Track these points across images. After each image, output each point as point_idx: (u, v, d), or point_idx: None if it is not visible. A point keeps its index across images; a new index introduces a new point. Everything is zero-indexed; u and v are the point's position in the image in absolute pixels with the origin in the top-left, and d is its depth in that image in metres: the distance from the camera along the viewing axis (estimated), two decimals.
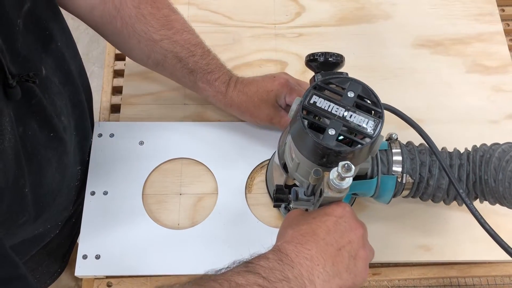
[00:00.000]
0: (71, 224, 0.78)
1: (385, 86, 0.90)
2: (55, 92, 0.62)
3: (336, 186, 0.53)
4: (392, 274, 0.78)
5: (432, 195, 0.69)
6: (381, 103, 0.58)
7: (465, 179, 0.66)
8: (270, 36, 0.94)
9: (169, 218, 0.77)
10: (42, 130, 0.58)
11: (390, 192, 0.68)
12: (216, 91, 0.75)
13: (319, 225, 0.55)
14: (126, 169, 0.80)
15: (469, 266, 0.79)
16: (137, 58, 0.76)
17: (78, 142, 0.69)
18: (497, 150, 0.65)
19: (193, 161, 0.81)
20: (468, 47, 0.94)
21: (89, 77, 0.80)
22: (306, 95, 0.57)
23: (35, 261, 0.74)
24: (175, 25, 0.72)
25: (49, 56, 0.61)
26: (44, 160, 0.59)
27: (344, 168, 0.52)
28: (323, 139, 0.54)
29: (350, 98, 0.57)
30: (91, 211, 0.76)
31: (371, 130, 0.55)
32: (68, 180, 0.67)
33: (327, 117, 0.56)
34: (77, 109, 0.69)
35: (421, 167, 0.67)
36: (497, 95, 0.90)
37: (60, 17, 0.64)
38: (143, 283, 0.75)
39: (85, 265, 0.73)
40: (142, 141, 0.82)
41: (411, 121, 0.63)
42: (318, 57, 0.65)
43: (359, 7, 0.98)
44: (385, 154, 0.68)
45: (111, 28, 0.71)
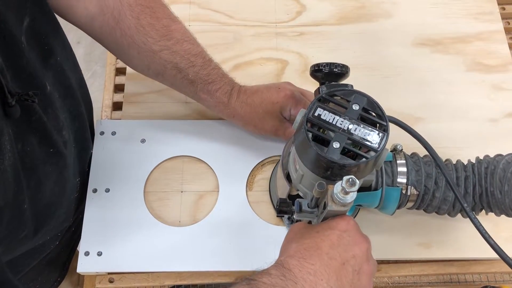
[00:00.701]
0: (70, 233, 0.78)
1: (386, 85, 0.91)
2: (58, 107, 0.62)
3: (340, 200, 0.53)
4: (392, 271, 0.78)
5: (437, 207, 0.68)
6: (386, 116, 0.57)
7: (472, 191, 0.66)
8: (271, 35, 0.95)
9: (171, 215, 0.78)
10: (42, 146, 0.58)
11: (395, 204, 0.67)
12: (218, 102, 0.74)
13: (323, 239, 0.54)
14: (127, 166, 0.80)
15: (469, 263, 0.79)
16: (137, 68, 0.76)
17: (77, 154, 0.69)
18: (501, 161, 0.65)
19: (194, 159, 0.82)
20: (468, 46, 0.94)
21: (91, 77, 0.81)
22: (311, 107, 0.56)
23: (34, 272, 0.74)
24: (175, 35, 0.71)
25: (49, 70, 0.61)
26: (43, 175, 0.59)
27: (348, 182, 0.51)
28: (327, 153, 0.54)
29: (355, 111, 0.56)
30: (93, 208, 0.77)
31: (376, 144, 0.55)
32: (68, 193, 0.67)
33: (332, 130, 0.55)
34: (76, 121, 0.68)
35: (427, 179, 0.66)
36: (497, 94, 0.90)
37: (60, 31, 0.64)
38: (145, 279, 0.76)
39: (87, 262, 0.73)
40: (144, 139, 0.82)
41: (416, 133, 0.63)
42: (323, 68, 0.65)
43: (359, 6, 0.98)
44: (389, 165, 0.67)
45: (111, 39, 0.70)
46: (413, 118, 0.87)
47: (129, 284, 0.76)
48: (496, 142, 0.86)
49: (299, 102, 0.73)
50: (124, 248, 0.74)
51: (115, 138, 0.82)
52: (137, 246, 0.74)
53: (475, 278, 0.79)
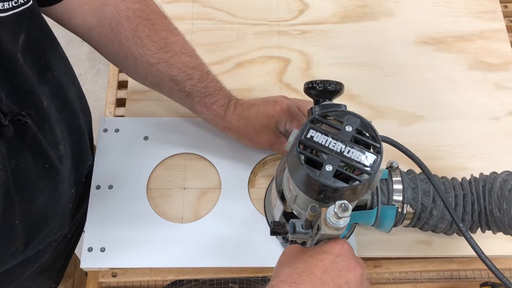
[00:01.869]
0: (66, 241, 0.78)
1: (388, 83, 0.91)
2: (54, 121, 0.61)
3: (333, 224, 0.52)
4: (393, 267, 0.79)
5: (434, 226, 0.67)
6: (380, 137, 0.56)
7: (470, 209, 0.65)
8: (273, 33, 0.95)
9: (173, 212, 0.78)
10: (37, 162, 0.58)
11: (391, 222, 0.66)
12: (214, 115, 0.74)
13: (316, 263, 0.53)
14: (131, 163, 0.81)
15: (470, 260, 0.79)
16: (134, 78, 0.76)
17: (74, 165, 0.68)
18: (498, 179, 0.64)
19: (197, 156, 0.82)
20: (470, 44, 0.95)
21: (95, 75, 0.82)
22: (303, 129, 0.56)
23: (28, 280, 0.73)
24: (173, 47, 0.71)
25: (45, 85, 0.61)
26: (37, 190, 0.59)
27: (341, 208, 0.51)
28: (320, 176, 0.53)
29: (348, 133, 0.56)
30: (97, 205, 0.77)
31: (369, 166, 0.54)
32: (63, 205, 0.67)
33: (325, 152, 0.54)
34: (74, 134, 0.68)
35: (424, 197, 0.66)
36: (499, 92, 0.90)
37: (57, 46, 0.64)
38: (147, 273, 0.77)
39: (91, 257, 0.74)
40: (147, 136, 0.83)
41: (411, 153, 0.62)
42: (316, 85, 0.64)
43: (361, 4, 0.99)
44: (385, 183, 0.66)
45: (108, 49, 0.70)
46: (415, 116, 0.88)
47: (131, 278, 0.77)
48: (498, 140, 0.86)
49: (295, 117, 0.73)
50: (127, 244, 0.75)
51: (118, 135, 0.83)
52: (140, 242, 0.75)
53: (475, 274, 0.79)
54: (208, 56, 0.91)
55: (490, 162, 0.84)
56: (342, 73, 0.91)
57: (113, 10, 0.67)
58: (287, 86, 0.90)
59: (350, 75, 0.91)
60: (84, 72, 1.92)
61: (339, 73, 0.91)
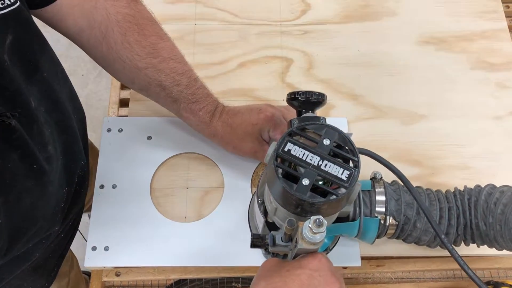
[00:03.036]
0: (59, 239, 0.77)
1: (390, 83, 0.91)
2: (43, 122, 0.61)
3: (309, 239, 0.51)
4: (396, 266, 0.79)
5: (418, 238, 0.67)
6: (358, 151, 0.56)
7: (455, 222, 0.65)
8: (276, 33, 0.95)
9: (176, 211, 0.79)
10: (24, 162, 0.57)
11: (373, 234, 0.66)
12: (200, 121, 0.74)
13: (293, 278, 0.52)
14: (134, 163, 0.81)
15: (473, 259, 0.79)
16: (122, 81, 0.76)
17: (65, 165, 0.68)
18: (482, 192, 0.65)
19: (200, 155, 0.83)
20: (472, 44, 0.95)
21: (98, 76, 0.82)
22: (281, 142, 0.55)
23: (19, 278, 0.73)
24: (162, 53, 0.71)
25: (34, 86, 0.60)
26: (24, 190, 0.58)
27: (315, 223, 0.50)
28: (296, 190, 0.52)
29: (325, 146, 0.55)
30: (100, 204, 0.78)
31: (346, 180, 0.54)
32: (52, 205, 0.66)
33: (302, 166, 0.54)
34: (65, 134, 0.68)
35: (407, 208, 0.65)
36: (501, 92, 0.91)
37: (46, 47, 0.64)
38: (151, 273, 0.77)
39: (94, 256, 0.75)
40: (150, 136, 0.83)
41: (391, 166, 0.61)
42: (299, 96, 0.64)
43: (364, 4, 0.99)
44: (368, 194, 0.66)
45: (97, 52, 0.71)
46: (417, 115, 0.88)
47: (135, 277, 0.77)
48: (500, 139, 0.86)
49: (279, 125, 0.73)
50: (131, 243, 0.75)
51: (122, 135, 0.83)
52: (143, 242, 0.75)
53: (479, 273, 0.79)
54: (210, 56, 0.93)
55: (492, 161, 0.84)
56: (344, 73, 0.92)
57: (103, 14, 0.68)
58: (290, 86, 0.90)
59: (352, 75, 0.92)
60: (87, 73, 1.93)
61: (341, 73, 0.92)
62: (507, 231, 0.61)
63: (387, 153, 0.84)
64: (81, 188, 0.74)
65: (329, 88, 0.90)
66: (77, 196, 0.74)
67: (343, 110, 0.88)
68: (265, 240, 0.58)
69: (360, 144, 0.84)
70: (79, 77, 1.88)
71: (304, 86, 0.90)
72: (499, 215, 0.62)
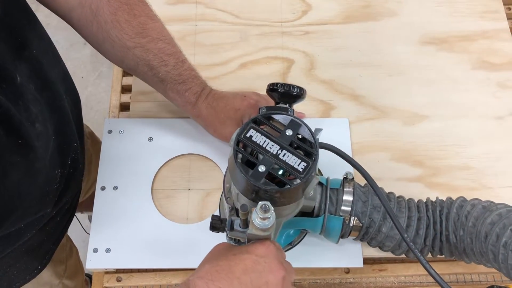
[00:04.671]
0: (54, 223, 0.78)
1: (391, 83, 0.91)
2: (30, 99, 0.61)
3: (258, 225, 0.52)
4: (398, 270, 0.79)
5: (382, 242, 0.67)
6: (318, 145, 0.56)
7: (424, 233, 0.65)
8: (277, 34, 0.95)
9: (178, 212, 0.78)
10: (9, 137, 0.57)
11: (337, 233, 0.66)
12: (186, 102, 0.75)
13: (237, 262, 0.53)
14: (135, 164, 0.81)
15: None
16: (112, 61, 0.77)
17: (58, 146, 0.68)
18: (454, 205, 0.64)
19: (201, 156, 0.83)
20: (473, 44, 0.95)
21: (97, 78, 0.81)
22: (244, 128, 0.56)
23: (11, 258, 0.73)
24: (151, 33, 0.72)
25: (24, 62, 0.61)
26: (9, 165, 0.58)
27: (261, 209, 0.51)
28: (251, 175, 0.53)
29: (287, 136, 0.56)
30: (102, 205, 0.78)
31: (301, 172, 0.54)
32: (42, 184, 0.66)
33: (260, 153, 0.54)
34: (56, 114, 0.68)
35: (373, 211, 0.65)
36: (502, 92, 0.90)
37: (36, 24, 0.64)
38: (152, 278, 0.77)
39: (96, 258, 0.74)
40: (151, 137, 0.83)
41: (355, 163, 0.61)
42: (278, 88, 0.64)
43: (365, 5, 0.99)
44: (335, 193, 0.66)
45: (88, 31, 0.72)
46: (418, 116, 0.88)
47: (136, 283, 0.77)
48: (501, 140, 0.86)
49: None
50: (132, 245, 0.75)
51: (123, 136, 0.83)
52: (145, 243, 0.75)
53: (481, 278, 0.79)
54: (212, 57, 0.92)
55: (494, 162, 0.84)
56: (345, 73, 0.91)
57: None
58: None
59: (353, 75, 0.91)
60: (87, 75, 1.93)
61: (343, 73, 0.91)
62: (478, 244, 0.60)
63: (389, 154, 0.84)
64: (75, 171, 0.74)
65: (330, 88, 0.90)
66: (71, 179, 0.74)
67: (344, 110, 0.88)
68: (225, 223, 0.59)
69: (362, 145, 0.85)
70: (79, 79, 1.88)
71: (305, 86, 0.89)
72: (470, 228, 0.61)
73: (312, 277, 0.78)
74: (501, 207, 0.60)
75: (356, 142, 0.85)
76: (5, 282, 0.77)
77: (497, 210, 0.59)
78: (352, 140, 0.85)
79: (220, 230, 0.60)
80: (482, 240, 0.59)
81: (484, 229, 0.59)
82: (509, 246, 0.55)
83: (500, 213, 0.59)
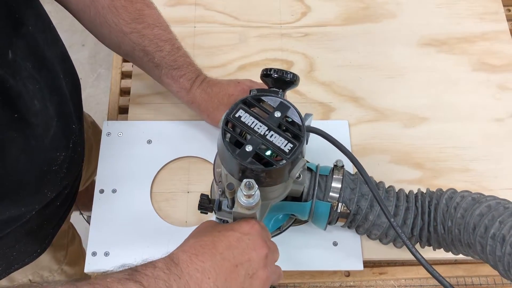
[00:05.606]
0: (55, 207, 0.78)
1: (391, 85, 0.91)
2: (26, 76, 0.62)
3: (243, 203, 0.53)
4: (399, 274, 0.78)
5: (369, 230, 0.67)
6: (305, 128, 0.57)
7: (411, 223, 0.65)
8: (276, 36, 0.95)
9: (177, 215, 0.78)
10: (5, 110, 0.58)
11: (325, 219, 0.67)
12: (180, 87, 0.76)
13: (221, 239, 0.54)
14: (134, 167, 0.81)
15: (476, 265, 0.79)
16: (109, 47, 0.78)
17: (61, 128, 0.69)
18: (444, 196, 0.64)
19: (200, 159, 0.82)
20: (473, 46, 0.95)
21: (96, 79, 0.81)
22: (233, 108, 0.57)
23: (11, 239, 0.74)
24: (147, 19, 0.73)
25: (21, 40, 0.61)
26: (7, 140, 0.59)
27: (246, 186, 0.52)
28: (238, 154, 0.54)
29: (275, 118, 0.57)
30: (100, 208, 0.77)
31: (288, 153, 0.55)
32: (40, 164, 0.66)
33: (248, 133, 0.55)
34: (56, 95, 0.69)
35: (361, 199, 0.66)
36: (502, 93, 0.90)
37: (34, 2, 0.65)
38: None
39: (94, 262, 0.74)
40: (150, 140, 0.83)
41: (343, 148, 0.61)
42: (272, 73, 0.64)
43: (364, 6, 0.99)
44: (324, 179, 0.67)
45: (86, 16, 0.73)
46: (418, 118, 0.88)
47: None
48: (502, 141, 0.86)
49: None
50: (131, 248, 0.75)
51: (121, 139, 0.83)
52: (144, 247, 0.75)
53: (482, 280, 0.79)
54: (210, 59, 0.92)
55: (494, 164, 0.84)
56: (345, 75, 0.91)
57: None
58: None
59: (353, 77, 0.91)
60: (85, 77, 1.92)
61: (342, 75, 0.91)
62: (466, 236, 0.60)
63: (389, 156, 0.84)
64: (75, 154, 0.75)
65: (330, 90, 0.90)
66: (73, 163, 0.75)
67: (344, 112, 0.88)
68: (212, 204, 0.60)
69: (361, 147, 0.85)
70: None
71: (305, 88, 0.89)
72: (458, 219, 0.61)
73: (312, 281, 0.77)
74: (491, 199, 0.60)
75: (355, 144, 0.85)
76: (4, 263, 0.77)
77: (486, 202, 0.59)
78: (352, 142, 0.84)
79: (208, 210, 0.61)
80: (470, 231, 0.59)
81: (472, 221, 0.59)
82: (497, 237, 0.55)
83: (489, 205, 0.59)
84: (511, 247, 0.54)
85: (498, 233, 0.56)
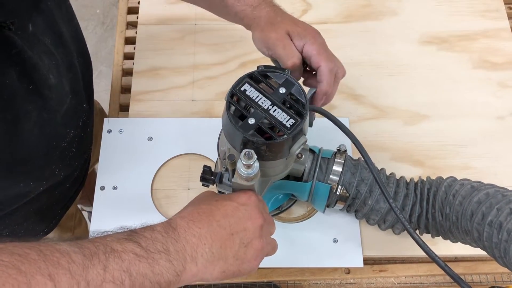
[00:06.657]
0: (64, 189, 0.79)
1: (391, 83, 0.91)
2: (43, 51, 0.62)
3: (242, 174, 0.54)
4: (399, 271, 0.79)
5: (367, 215, 0.68)
6: (308, 106, 0.57)
7: (410, 209, 0.65)
8: None
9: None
10: (22, 81, 0.58)
11: (324, 200, 0.68)
12: (246, 5, 0.72)
13: (218, 207, 0.55)
14: (135, 164, 0.81)
15: (476, 263, 0.79)
16: None
17: (74, 105, 0.70)
18: (443, 184, 0.64)
19: (201, 156, 0.82)
20: (474, 43, 0.95)
21: (97, 77, 0.82)
22: (239, 81, 0.58)
23: (20, 216, 0.75)
24: None
25: (40, 14, 0.62)
26: (22, 111, 0.60)
27: (245, 155, 0.53)
28: (240, 126, 0.55)
29: (280, 94, 0.58)
30: (101, 205, 0.77)
31: (289, 128, 0.56)
32: (51, 139, 0.67)
33: (252, 107, 0.57)
34: (70, 72, 0.69)
35: (360, 183, 0.66)
36: (503, 91, 0.90)
37: None
38: None
39: None
40: (151, 137, 0.83)
41: (346, 129, 0.62)
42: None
43: (365, 4, 0.98)
44: (326, 161, 0.68)
45: None
46: (419, 115, 0.88)
47: None
48: (502, 139, 0.86)
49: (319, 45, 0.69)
50: None
51: (122, 136, 0.83)
52: None
53: (482, 278, 0.79)
54: (211, 56, 0.92)
55: (494, 161, 0.84)
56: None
57: None
58: None
59: (354, 75, 0.91)
60: None
61: None
62: (464, 223, 0.61)
63: (389, 153, 0.84)
64: (84, 134, 0.75)
65: None
66: (83, 143, 0.76)
67: (345, 110, 0.88)
68: (214, 176, 0.61)
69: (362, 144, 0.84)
70: None
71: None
72: (456, 206, 0.61)
73: (312, 278, 0.78)
74: (489, 187, 0.60)
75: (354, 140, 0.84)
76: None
77: (485, 189, 0.60)
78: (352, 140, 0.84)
79: (210, 182, 0.62)
80: (467, 218, 0.60)
81: (470, 208, 0.59)
82: (494, 224, 0.56)
83: (488, 193, 0.59)
84: (507, 234, 0.54)
85: (495, 220, 0.56)
